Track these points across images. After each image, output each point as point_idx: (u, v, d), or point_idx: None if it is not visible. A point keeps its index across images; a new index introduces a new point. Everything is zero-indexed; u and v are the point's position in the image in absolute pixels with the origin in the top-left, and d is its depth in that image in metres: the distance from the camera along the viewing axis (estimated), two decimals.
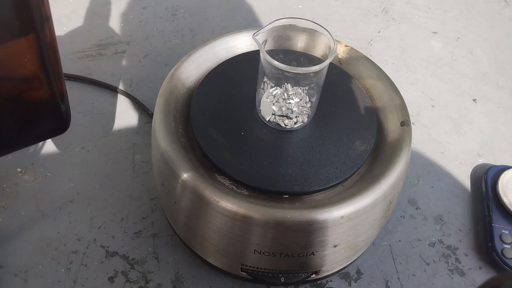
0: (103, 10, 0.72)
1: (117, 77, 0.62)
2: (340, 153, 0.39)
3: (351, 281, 0.44)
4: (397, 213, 0.50)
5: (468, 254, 0.47)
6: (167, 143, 0.38)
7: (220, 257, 0.40)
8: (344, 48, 0.48)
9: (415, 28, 0.75)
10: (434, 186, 0.53)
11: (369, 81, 0.46)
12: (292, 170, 0.37)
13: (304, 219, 0.34)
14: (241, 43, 0.48)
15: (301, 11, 0.76)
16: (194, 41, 0.69)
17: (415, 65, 0.69)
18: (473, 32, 0.75)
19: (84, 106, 0.58)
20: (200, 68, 0.45)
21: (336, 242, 0.37)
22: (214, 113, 0.41)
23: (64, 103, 0.39)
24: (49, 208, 0.48)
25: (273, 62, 0.35)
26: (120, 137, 0.55)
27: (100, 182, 0.50)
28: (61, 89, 0.38)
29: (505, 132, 0.60)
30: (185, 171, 0.36)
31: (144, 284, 0.43)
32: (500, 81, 0.67)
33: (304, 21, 0.39)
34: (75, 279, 0.43)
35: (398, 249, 0.47)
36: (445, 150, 0.57)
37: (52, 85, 0.36)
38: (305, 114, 0.40)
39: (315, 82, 0.39)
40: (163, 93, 0.42)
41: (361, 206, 0.35)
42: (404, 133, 0.40)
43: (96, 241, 0.45)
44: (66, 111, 0.39)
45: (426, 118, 0.61)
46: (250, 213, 0.34)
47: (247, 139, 0.39)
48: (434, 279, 0.45)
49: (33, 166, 0.51)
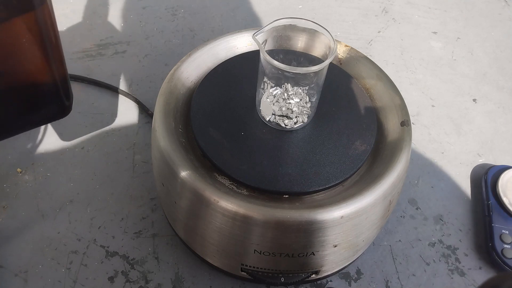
0: (103, 10, 0.72)
1: (117, 77, 0.62)
2: (340, 153, 0.39)
3: (351, 281, 0.44)
4: (397, 213, 0.50)
5: (468, 254, 0.47)
6: (167, 143, 0.38)
7: (220, 257, 0.40)
8: (344, 48, 0.48)
9: (415, 28, 0.75)
10: (434, 186, 0.53)
11: (369, 81, 0.46)
12: (292, 170, 0.37)
13: (304, 219, 0.34)
14: (241, 43, 0.48)
15: (301, 11, 0.76)
16: (194, 41, 0.69)
17: (415, 65, 0.69)
18: (473, 32, 0.75)
19: (84, 106, 0.58)
20: (200, 68, 0.45)
21: (336, 242, 0.37)
22: (214, 113, 0.41)
23: (66, 86, 0.38)
24: (49, 208, 0.48)
25: (273, 62, 0.35)
26: (120, 137, 0.55)
27: (100, 182, 0.50)
28: (62, 72, 0.37)
29: (505, 132, 0.60)
30: (185, 171, 0.36)
31: (144, 284, 0.43)
32: (500, 81, 0.67)
33: (304, 21, 0.39)
34: (75, 279, 0.43)
35: (398, 249, 0.47)
36: (445, 150, 0.57)
37: (52, 67, 0.36)
38: (305, 114, 0.40)
39: (315, 82, 0.39)
40: (163, 93, 0.42)
41: (361, 206, 0.35)
42: (404, 133, 0.40)
43: (96, 241, 0.45)
44: (68, 94, 0.39)
45: (426, 118, 0.61)
46: (250, 213, 0.34)
47: (247, 139, 0.39)
48: (434, 279, 0.45)
49: (33, 166, 0.51)
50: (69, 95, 0.39)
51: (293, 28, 0.40)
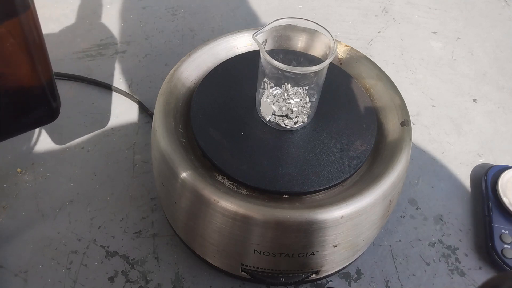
0: (103, 10, 0.72)
1: (117, 77, 0.62)
2: (340, 153, 0.39)
3: (351, 281, 0.44)
4: (397, 213, 0.50)
5: (468, 254, 0.47)
6: (167, 143, 0.38)
7: (220, 257, 0.40)
8: (344, 48, 0.48)
9: (415, 28, 0.75)
10: (434, 186, 0.53)
11: (369, 81, 0.46)
12: (292, 170, 0.37)
13: (304, 219, 0.34)
14: (241, 43, 0.48)
15: (301, 11, 0.76)
16: (194, 41, 0.69)
17: (415, 65, 0.69)
18: (473, 32, 0.75)
19: (84, 106, 0.58)
20: (200, 68, 0.45)
21: (336, 242, 0.37)
22: (214, 113, 0.41)
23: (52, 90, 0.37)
24: (49, 208, 0.48)
25: (273, 62, 0.35)
26: (120, 137, 0.55)
27: (100, 182, 0.50)
28: (48, 76, 0.36)
29: (505, 132, 0.60)
30: (185, 171, 0.36)
31: (144, 284, 0.43)
32: (500, 81, 0.67)
33: (304, 21, 0.39)
34: (75, 279, 0.43)
35: (398, 249, 0.47)
36: (445, 150, 0.57)
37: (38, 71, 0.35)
38: (305, 114, 0.40)
39: (315, 82, 0.39)
40: (163, 93, 0.42)
41: (361, 206, 0.35)
42: (404, 133, 0.40)
43: (96, 241, 0.45)
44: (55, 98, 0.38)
45: (426, 118, 0.61)
46: (250, 213, 0.34)
47: (247, 139, 0.39)
48: (434, 279, 0.45)
49: (33, 166, 0.51)
50: (55, 98, 0.38)
51: (293, 28, 0.40)
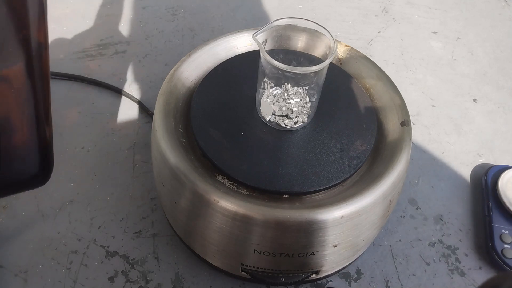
0: (103, 10, 0.72)
1: (117, 77, 0.62)
2: (340, 153, 0.39)
3: (351, 281, 0.44)
4: (397, 213, 0.50)
5: (468, 254, 0.47)
6: (167, 143, 0.38)
7: (220, 257, 0.40)
8: (344, 48, 0.48)
9: (415, 28, 0.75)
10: (434, 186, 0.53)
11: (369, 81, 0.46)
12: (292, 170, 0.37)
13: (304, 219, 0.34)
14: (241, 43, 0.48)
15: (301, 11, 0.76)
16: (194, 41, 0.69)
17: (415, 65, 0.69)
18: (473, 32, 0.75)
19: (84, 106, 0.58)
20: (200, 68, 0.45)
21: (336, 242, 0.37)
22: (214, 113, 0.41)
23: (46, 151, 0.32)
24: (49, 208, 0.48)
25: (273, 62, 0.35)
26: (120, 137, 0.55)
27: (100, 182, 0.50)
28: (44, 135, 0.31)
29: (505, 132, 0.60)
30: (185, 171, 0.36)
31: (144, 284, 0.43)
32: (500, 81, 0.67)
33: (304, 21, 0.39)
34: (75, 279, 0.43)
35: (398, 249, 0.47)
36: (445, 150, 0.57)
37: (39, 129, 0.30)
38: (305, 114, 0.40)
39: (315, 82, 0.39)
40: (163, 93, 0.42)
41: (361, 206, 0.35)
42: (404, 133, 0.40)
43: (96, 241, 0.45)
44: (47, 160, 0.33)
45: (426, 118, 0.61)
46: (250, 213, 0.34)
47: (247, 139, 0.39)
48: (434, 279, 0.45)
49: None
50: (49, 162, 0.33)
51: (293, 28, 0.40)
